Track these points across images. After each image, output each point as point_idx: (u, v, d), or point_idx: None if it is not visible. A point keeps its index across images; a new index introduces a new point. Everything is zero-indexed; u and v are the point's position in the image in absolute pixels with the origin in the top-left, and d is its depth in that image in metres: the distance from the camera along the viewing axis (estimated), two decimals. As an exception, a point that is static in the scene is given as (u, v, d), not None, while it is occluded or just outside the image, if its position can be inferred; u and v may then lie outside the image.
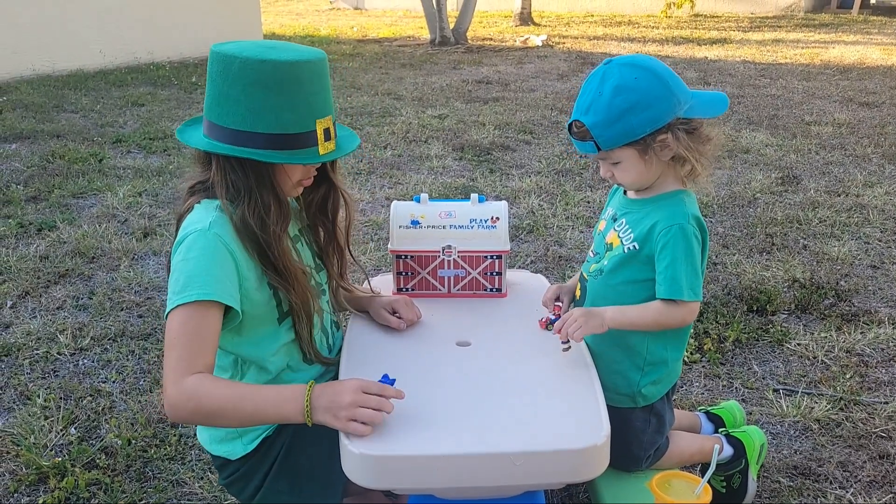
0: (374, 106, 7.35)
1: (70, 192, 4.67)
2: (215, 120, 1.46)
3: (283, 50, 1.44)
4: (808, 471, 2.21)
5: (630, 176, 1.58)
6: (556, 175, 5.07)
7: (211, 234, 1.43)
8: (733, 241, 3.92)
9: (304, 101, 1.44)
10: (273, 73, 1.40)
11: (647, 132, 1.50)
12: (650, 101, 1.49)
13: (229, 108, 1.43)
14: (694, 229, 1.57)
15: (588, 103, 1.52)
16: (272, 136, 1.43)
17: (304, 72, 1.43)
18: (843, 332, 2.98)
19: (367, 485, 1.34)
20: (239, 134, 1.43)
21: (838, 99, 7.56)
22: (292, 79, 1.41)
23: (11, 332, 2.99)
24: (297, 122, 1.44)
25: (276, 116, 1.42)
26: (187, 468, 2.22)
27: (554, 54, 11.22)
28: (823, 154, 5.56)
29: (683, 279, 1.53)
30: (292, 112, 1.43)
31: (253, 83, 1.41)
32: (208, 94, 1.48)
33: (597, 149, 1.53)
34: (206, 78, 1.49)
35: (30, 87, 8.27)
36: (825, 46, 11.60)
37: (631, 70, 1.50)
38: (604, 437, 1.34)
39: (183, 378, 1.35)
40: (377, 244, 3.87)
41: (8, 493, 2.13)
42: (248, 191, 1.46)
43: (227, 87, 1.43)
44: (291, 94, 1.42)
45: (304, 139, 1.45)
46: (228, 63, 1.42)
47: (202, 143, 1.48)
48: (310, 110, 1.45)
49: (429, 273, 1.89)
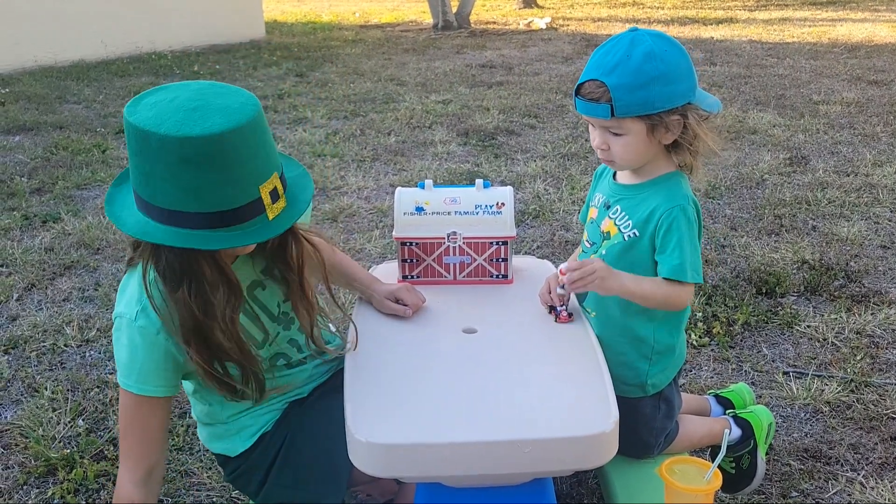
0: (377, 92, 7.31)
1: (74, 184, 4.66)
2: (145, 197, 1.26)
3: (208, 112, 1.21)
4: (818, 453, 2.19)
5: (629, 151, 1.52)
6: (562, 159, 5.04)
7: (136, 326, 1.35)
8: (741, 223, 3.88)
9: (239, 172, 1.23)
10: (198, 151, 1.19)
11: (665, 108, 1.46)
12: (676, 77, 1.46)
13: (157, 186, 1.23)
14: (693, 211, 1.54)
15: (613, 64, 1.44)
16: (212, 214, 1.23)
17: (235, 142, 1.21)
18: (854, 313, 2.95)
19: (373, 473, 1.33)
20: (173, 214, 1.23)
21: (846, 77, 7.47)
22: (223, 153, 1.20)
23: (18, 325, 2.99)
24: (238, 196, 1.24)
25: (212, 194, 1.22)
26: (195, 459, 2.22)
27: (558, 37, 11.14)
28: (832, 134, 5.50)
29: (687, 261, 1.51)
30: (231, 186, 1.23)
31: (178, 162, 1.20)
32: (132, 166, 1.27)
33: (610, 114, 1.45)
34: (127, 148, 1.29)
35: (32, 78, 8.25)
36: (833, 24, 11.47)
37: (662, 41, 1.46)
38: (612, 424, 1.32)
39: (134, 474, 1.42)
40: (382, 231, 3.85)
41: (17, 486, 2.13)
42: (187, 273, 1.30)
43: (149, 165, 1.22)
44: (226, 168, 1.21)
45: (249, 210, 1.25)
46: (146, 140, 1.21)
47: (135, 225, 1.28)
48: (250, 178, 1.25)
49: (434, 260, 1.88)
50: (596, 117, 1.49)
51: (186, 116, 1.20)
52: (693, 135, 1.50)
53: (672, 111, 1.47)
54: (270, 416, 1.55)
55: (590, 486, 2.09)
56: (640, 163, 1.56)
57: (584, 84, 1.49)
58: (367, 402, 1.38)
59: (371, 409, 1.37)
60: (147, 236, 1.27)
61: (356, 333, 1.58)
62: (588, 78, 1.48)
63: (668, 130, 1.50)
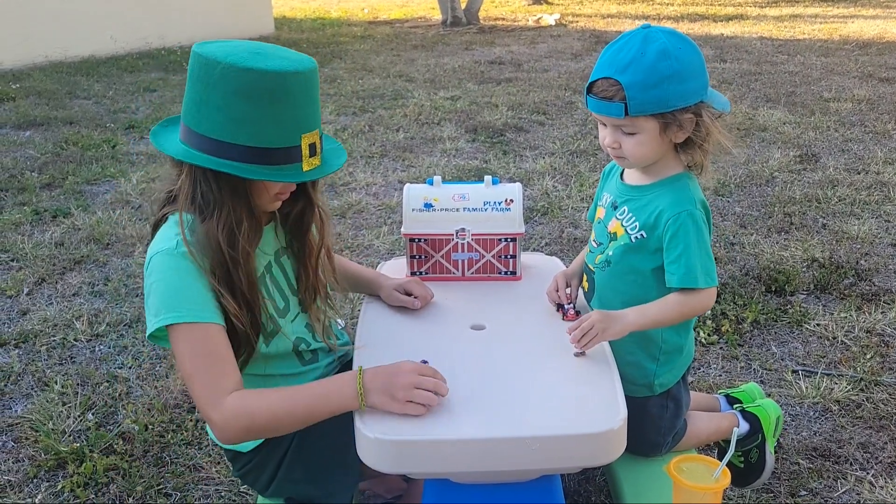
0: (385, 88, 7.31)
1: (84, 179, 4.69)
2: (194, 126, 1.36)
3: (271, 57, 1.33)
4: (827, 452, 2.18)
5: (641, 151, 1.50)
6: (571, 156, 5.03)
7: (178, 253, 1.36)
8: (751, 220, 3.87)
9: (290, 114, 1.33)
10: (257, 83, 1.29)
11: (679, 106, 1.44)
12: (690, 75, 1.44)
13: (208, 115, 1.33)
14: (701, 214, 1.52)
15: (627, 61, 1.42)
16: (253, 149, 1.33)
17: (292, 83, 1.32)
18: (864, 311, 2.94)
19: (382, 470, 1.33)
20: (217, 143, 1.33)
21: (857, 75, 7.43)
22: (278, 90, 1.31)
23: (28, 319, 3.01)
24: (282, 137, 1.34)
25: (258, 129, 1.32)
26: (204, 453, 2.23)
27: (567, 33, 11.10)
28: (843, 131, 5.47)
29: (698, 266, 1.49)
30: (277, 125, 1.33)
31: (235, 92, 1.30)
32: (187, 98, 1.38)
33: (624, 112, 1.44)
34: (187, 79, 1.38)
35: (42, 74, 8.29)
36: (844, 21, 11.40)
37: (675, 38, 1.45)
38: (620, 422, 1.32)
39: (221, 401, 1.31)
40: (390, 228, 3.85)
41: (28, 479, 2.15)
42: (218, 204, 1.37)
43: (206, 93, 1.32)
44: (277, 106, 1.31)
45: (287, 154, 1.35)
46: (210, 67, 1.31)
47: (177, 150, 1.38)
48: (296, 124, 1.35)
49: (442, 256, 1.88)
50: (609, 116, 1.47)
51: (250, 55, 1.32)
52: (706, 133, 1.49)
53: (685, 109, 1.46)
54: None
55: (597, 483, 2.09)
56: (651, 161, 1.55)
57: (596, 82, 1.47)
58: (376, 398, 1.38)
59: (379, 405, 1.37)
60: (189, 157, 1.36)
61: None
62: (600, 76, 1.46)
63: (680, 129, 1.48)
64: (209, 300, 1.36)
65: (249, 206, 1.40)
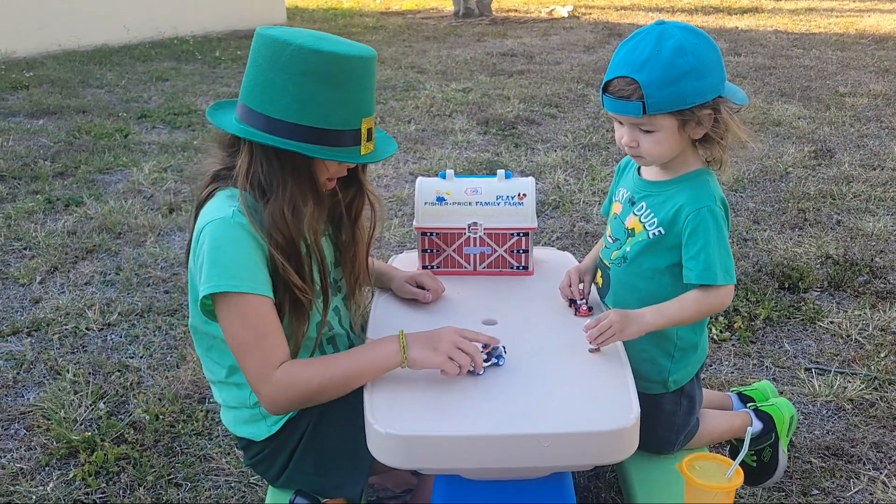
0: (397, 79, 7.29)
1: (96, 168, 4.70)
2: (256, 107, 1.39)
3: (335, 41, 1.38)
4: (840, 451, 2.17)
5: (660, 148, 1.49)
6: (583, 149, 5.00)
7: (234, 222, 1.38)
8: (764, 216, 3.84)
9: (353, 97, 1.39)
10: (327, 66, 1.34)
11: (696, 103, 1.43)
12: (707, 70, 1.43)
13: (274, 96, 1.37)
14: (721, 210, 1.51)
15: (643, 60, 1.41)
16: (317, 130, 1.37)
17: (357, 67, 1.38)
18: (878, 309, 2.91)
19: (393, 464, 1.33)
20: (281, 124, 1.37)
21: (874, 69, 7.35)
22: (345, 73, 1.36)
23: (41, 308, 3.02)
24: (345, 119, 1.39)
25: (325, 111, 1.37)
26: (214, 444, 2.23)
27: (580, 25, 11.04)
28: (858, 126, 5.41)
29: (717, 263, 1.48)
30: (341, 108, 1.38)
31: (304, 73, 1.34)
32: (250, 79, 1.40)
33: (642, 111, 1.42)
34: (249, 62, 1.41)
35: (56, 62, 8.32)
36: (860, 15, 11.28)
37: (691, 34, 1.43)
38: (633, 420, 1.31)
39: (271, 375, 1.36)
40: (402, 220, 3.85)
41: (40, 466, 2.16)
42: (282, 183, 1.40)
43: (274, 75, 1.36)
44: (343, 88, 1.37)
45: (347, 137, 1.40)
46: (279, 49, 1.35)
47: (240, 130, 1.41)
48: (358, 108, 1.40)
49: (454, 250, 1.87)
50: (627, 115, 1.46)
51: (316, 39, 1.37)
52: (724, 128, 1.48)
53: (703, 105, 1.44)
54: None
55: (608, 479, 2.08)
56: (669, 158, 1.54)
57: (612, 81, 1.45)
58: (386, 393, 1.38)
59: (390, 399, 1.37)
60: (259, 137, 1.38)
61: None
62: (616, 75, 1.45)
63: (699, 125, 1.47)
64: (263, 273, 1.39)
65: (314, 184, 1.44)
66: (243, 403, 1.54)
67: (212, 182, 1.48)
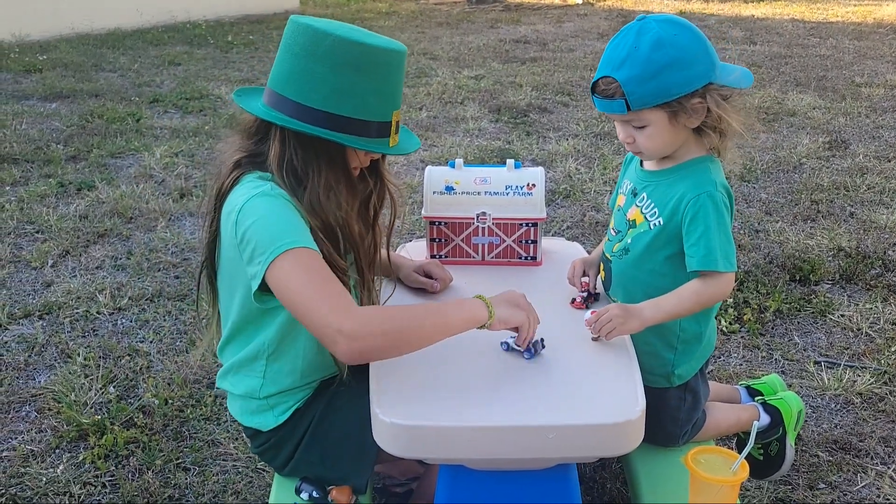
0: (409, 66, 7.24)
1: (108, 152, 4.72)
2: (291, 95, 1.39)
3: (370, 35, 1.40)
4: (848, 445, 2.16)
5: (655, 142, 1.49)
6: (594, 138, 4.97)
7: (275, 193, 1.38)
8: (776, 207, 3.81)
9: (389, 90, 1.41)
10: (366, 57, 1.36)
11: (682, 93, 1.42)
12: (689, 60, 1.42)
13: (312, 85, 1.37)
14: (722, 196, 1.50)
15: (622, 58, 1.42)
16: (352, 120, 1.39)
17: (393, 60, 1.40)
18: (890, 303, 2.89)
19: (398, 454, 1.33)
20: (316, 113, 1.38)
21: (891, 59, 7.26)
22: (383, 66, 1.38)
23: (53, 291, 3.05)
24: (379, 111, 1.41)
25: (361, 101, 1.38)
26: (222, 429, 2.25)
27: (594, 12, 10.95)
28: (874, 117, 5.36)
29: (718, 249, 1.46)
30: (377, 99, 1.40)
31: (344, 64, 1.36)
32: (285, 67, 1.40)
33: (626, 108, 1.43)
34: (282, 51, 1.42)
35: (69, 45, 8.34)
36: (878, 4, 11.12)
37: (670, 26, 1.42)
38: (638, 413, 1.30)
39: (350, 306, 1.30)
40: (411, 208, 3.84)
41: (50, 449, 2.18)
42: (317, 170, 1.42)
43: (312, 64, 1.37)
44: (379, 80, 1.39)
45: (379, 128, 1.42)
46: (318, 39, 1.36)
47: (278, 118, 1.40)
48: (391, 100, 1.43)
49: (463, 240, 1.86)
50: (613, 113, 1.47)
51: (353, 31, 1.39)
52: (717, 116, 1.46)
53: (692, 95, 1.43)
54: (304, 393, 1.56)
55: (613, 470, 2.08)
56: (670, 150, 1.53)
57: (597, 82, 1.47)
58: (393, 383, 1.38)
59: (396, 389, 1.37)
60: (282, 121, 1.39)
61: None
62: (601, 75, 1.46)
63: (691, 115, 1.46)
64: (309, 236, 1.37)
65: (348, 172, 1.46)
66: (253, 394, 1.54)
67: (234, 169, 1.47)
